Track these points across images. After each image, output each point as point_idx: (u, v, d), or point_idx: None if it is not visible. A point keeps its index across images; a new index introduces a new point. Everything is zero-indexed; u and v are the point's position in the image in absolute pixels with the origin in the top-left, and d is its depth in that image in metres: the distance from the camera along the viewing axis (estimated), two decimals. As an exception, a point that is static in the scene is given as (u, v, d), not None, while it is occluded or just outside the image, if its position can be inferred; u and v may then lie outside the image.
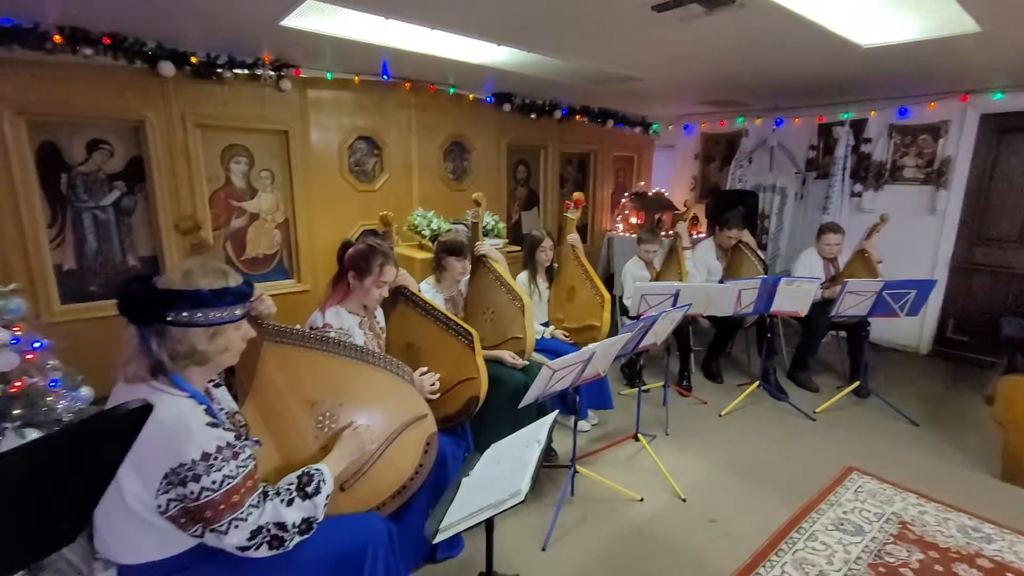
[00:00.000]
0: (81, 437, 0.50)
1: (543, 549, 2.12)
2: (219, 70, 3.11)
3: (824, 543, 2.16)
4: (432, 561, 2.02)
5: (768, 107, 5.02)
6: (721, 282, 3.58)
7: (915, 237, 4.37)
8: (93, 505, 0.60)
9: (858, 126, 4.57)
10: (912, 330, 4.47)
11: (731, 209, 4.15)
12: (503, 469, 1.54)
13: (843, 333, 3.85)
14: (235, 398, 1.43)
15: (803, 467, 2.73)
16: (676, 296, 3.01)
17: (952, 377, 4.04)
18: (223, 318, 1.17)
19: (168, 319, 1.11)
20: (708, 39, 2.79)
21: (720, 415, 3.30)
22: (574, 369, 2.16)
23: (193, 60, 3.01)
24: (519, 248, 3.76)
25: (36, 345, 1.73)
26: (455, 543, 2.08)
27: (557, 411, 1.84)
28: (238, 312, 1.21)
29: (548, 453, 2.77)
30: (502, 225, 3.93)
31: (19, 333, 1.74)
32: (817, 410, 3.33)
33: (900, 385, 3.80)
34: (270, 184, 3.58)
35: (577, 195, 3.07)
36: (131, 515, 1.10)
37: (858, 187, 4.62)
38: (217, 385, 1.36)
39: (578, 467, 2.44)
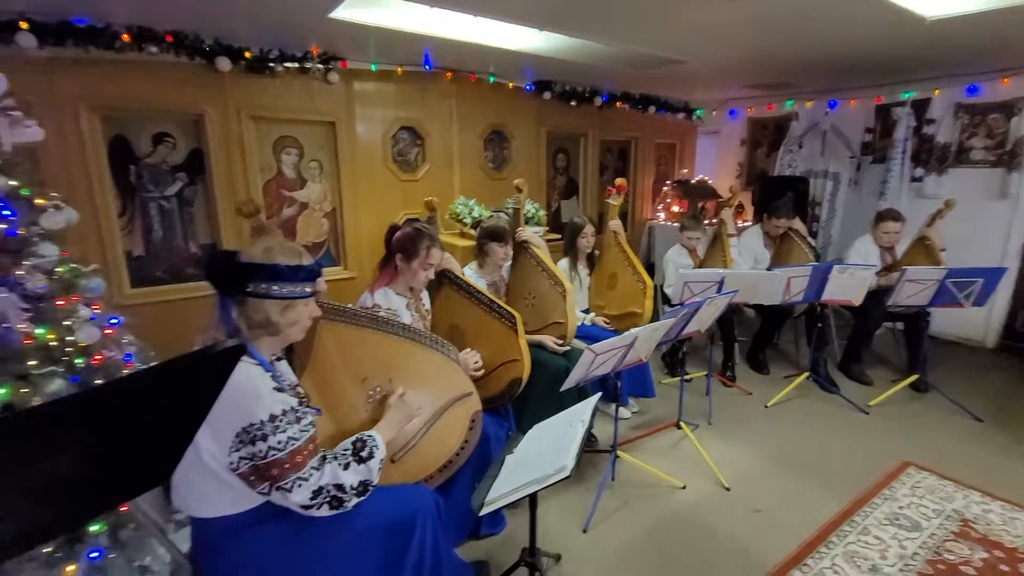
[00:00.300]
0: (181, 370, 0.55)
1: (584, 531, 2.14)
2: (271, 64, 3.24)
3: (878, 537, 2.09)
4: (476, 537, 2.08)
5: (820, 89, 4.79)
6: (769, 269, 3.47)
7: (983, 224, 4.10)
8: (186, 443, 0.65)
9: (920, 106, 4.31)
10: (977, 322, 4.21)
11: (779, 196, 3.99)
12: (547, 447, 1.56)
13: (900, 324, 3.67)
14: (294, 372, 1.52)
15: (854, 461, 2.63)
16: (721, 284, 2.94)
17: (1022, 372, 3.79)
18: (295, 293, 1.25)
19: (248, 290, 1.20)
20: (757, 16, 2.69)
21: (766, 406, 3.22)
22: (616, 354, 2.15)
23: (247, 55, 3.14)
24: (559, 236, 3.77)
25: (113, 321, 1.87)
26: (497, 521, 2.13)
27: (600, 393, 1.84)
28: (308, 289, 1.29)
29: (589, 439, 2.78)
30: (542, 213, 3.93)
31: (98, 311, 1.89)
32: (871, 403, 3.19)
33: (962, 380, 3.58)
34: (318, 174, 3.70)
35: (619, 181, 3.04)
36: (207, 472, 1.19)
37: (919, 171, 4.36)
38: (279, 359, 1.44)
39: (619, 452, 2.44)
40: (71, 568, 1.54)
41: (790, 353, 4.09)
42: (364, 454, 1.35)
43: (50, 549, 1.54)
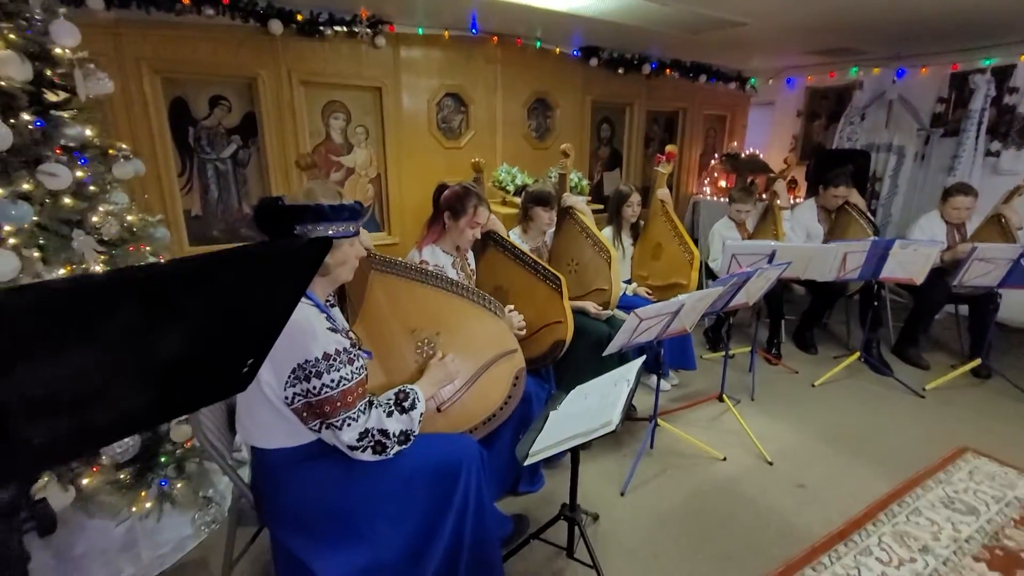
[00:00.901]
0: (268, 257, 0.56)
1: (622, 494, 2.15)
2: (320, 27, 3.26)
3: (930, 519, 2.01)
4: (514, 494, 2.12)
5: (890, 55, 4.47)
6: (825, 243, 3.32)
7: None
8: (270, 342, 0.67)
9: (1002, 74, 3.97)
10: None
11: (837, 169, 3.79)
12: (592, 404, 1.56)
13: (963, 308, 3.46)
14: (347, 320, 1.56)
15: (907, 443, 2.53)
16: (771, 257, 2.83)
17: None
18: (340, 232, 1.29)
19: (295, 232, 1.23)
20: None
21: (813, 385, 3.12)
22: (661, 321, 2.12)
23: (299, 18, 3.18)
24: (602, 207, 3.70)
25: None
26: (536, 479, 2.16)
27: (644, 356, 1.82)
28: (352, 228, 1.32)
29: (627, 409, 2.77)
30: (585, 183, 3.87)
31: (164, 261, 1.99)
32: (927, 387, 3.05)
33: (1031, 368, 3.37)
34: (365, 140, 3.75)
35: (670, 148, 2.94)
36: (267, 404, 1.25)
37: (995, 145, 4.05)
38: (332, 305, 1.49)
39: (659, 420, 2.42)
40: (144, 493, 1.67)
41: (840, 334, 3.94)
42: (406, 404, 1.39)
43: (125, 476, 1.67)
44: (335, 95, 3.56)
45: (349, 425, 1.26)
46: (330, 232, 1.27)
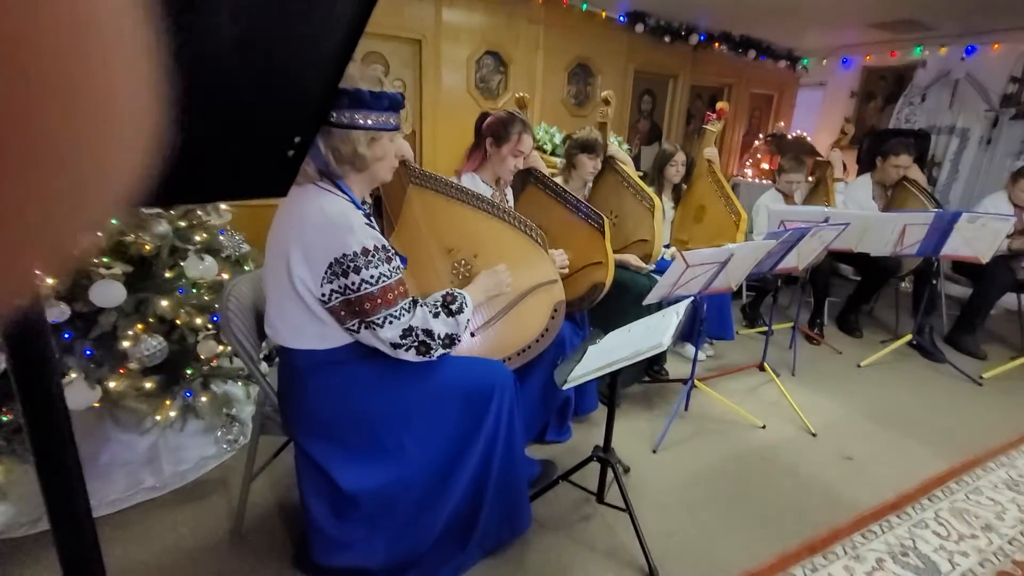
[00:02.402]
0: None
1: (654, 451, 2.05)
2: (365, -27, 3.20)
3: (992, 499, 1.85)
4: (541, 442, 2.04)
5: (959, 32, 4.19)
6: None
7: None
8: (333, 93, 0.59)
9: (1086, 51, 3.68)
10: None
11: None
12: (634, 336, 1.46)
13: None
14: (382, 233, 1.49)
15: (964, 426, 2.35)
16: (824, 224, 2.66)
17: None
18: (380, 124, 1.20)
19: (331, 119, 1.16)
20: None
21: (859, 365, 2.94)
22: (708, 271, 2.00)
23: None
24: (641, 173, 3.57)
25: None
26: (564, 429, 2.08)
27: (691, 297, 1.71)
28: (393, 121, 1.24)
29: (660, 372, 2.66)
30: (626, 146, 3.73)
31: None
32: (985, 375, 2.84)
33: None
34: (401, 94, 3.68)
35: (721, 104, 2.79)
36: (299, 303, 1.19)
37: (1073, 129, 3.76)
38: (368, 215, 1.42)
39: (696, 382, 2.30)
40: (168, 402, 1.64)
41: (887, 322, 3.72)
42: (454, 307, 1.31)
43: (152, 385, 1.64)
44: (375, 45, 3.50)
45: (391, 323, 1.19)
46: (369, 122, 1.20)
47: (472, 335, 1.55)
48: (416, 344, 1.22)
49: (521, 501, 1.51)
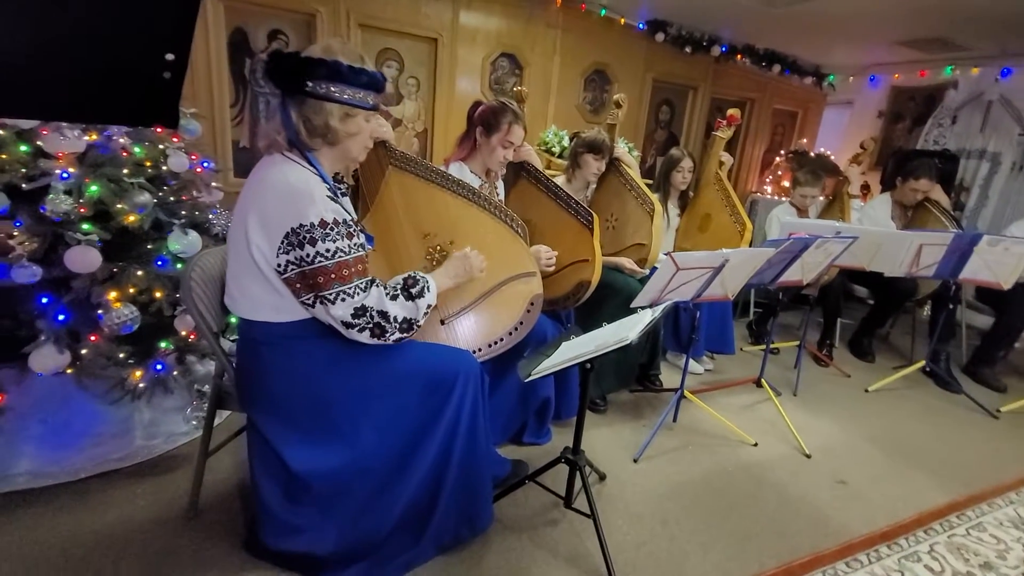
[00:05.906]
0: None
1: (635, 460, 1.97)
2: (383, -31, 3.24)
3: (995, 536, 1.72)
4: (517, 443, 1.98)
5: (994, 53, 4.03)
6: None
7: None
8: (189, 28, 0.55)
9: None
10: None
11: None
12: (608, 332, 1.40)
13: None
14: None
15: (973, 460, 2.21)
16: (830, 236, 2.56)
17: None
18: (356, 100, 1.18)
19: (307, 88, 1.14)
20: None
21: (866, 390, 2.80)
22: (701, 276, 1.92)
23: (362, -43, 3.17)
24: (649, 181, 3.50)
25: (205, 164, 1.95)
26: (543, 432, 2.01)
27: (675, 301, 1.64)
28: (370, 100, 1.22)
29: (652, 381, 2.57)
30: (636, 153, 3.67)
31: (195, 159, 1.98)
32: (1002, 408, 2.68)
33: None
34: (415, 92, 3.71)
35: (732, 111, 2.72)
36: (256, 273, 1.17)
37: (1114, 157, 3.56)
38: (343, 194, 1.40)
39: (687, 393, 2.21)
40: (138, 373, 1.63)
41: (902, 348, 3.56)
42: (414, 291, 1.27)
43: (125, 354, 1.64)
44: (391, 42, 3.53)
45: (343, 300, 1.16)
46: (345, 96, 1.18)
47: (442, 322, 1.51)
48: (371, 326, 1.19)
49: (483, 498, 1.45)
